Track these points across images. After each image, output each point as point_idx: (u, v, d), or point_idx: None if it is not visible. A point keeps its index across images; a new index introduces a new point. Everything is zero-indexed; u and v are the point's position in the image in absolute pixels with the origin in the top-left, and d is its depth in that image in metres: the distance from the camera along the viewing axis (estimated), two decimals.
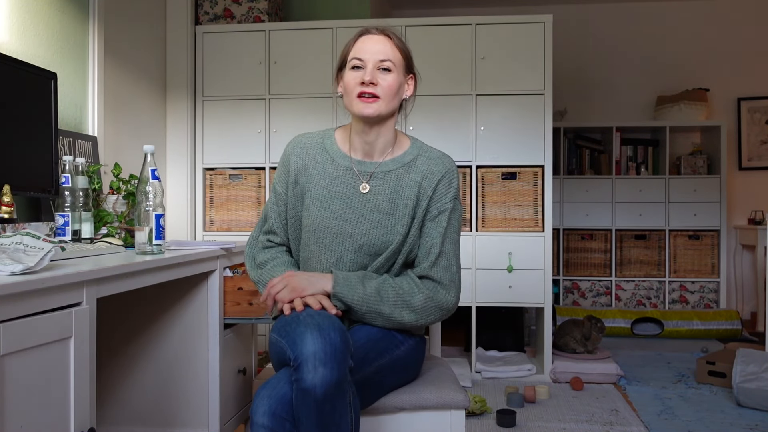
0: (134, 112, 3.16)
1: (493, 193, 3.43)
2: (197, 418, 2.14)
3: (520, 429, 2.71)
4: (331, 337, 1.33)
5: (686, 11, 5.07)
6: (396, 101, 1.59)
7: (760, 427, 2.72)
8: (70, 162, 2.01)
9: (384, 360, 1.55)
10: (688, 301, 4.77)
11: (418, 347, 1.67)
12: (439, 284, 1.56)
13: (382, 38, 1.57)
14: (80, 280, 1.32)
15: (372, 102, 1.54)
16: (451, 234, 1.60)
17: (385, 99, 1.55)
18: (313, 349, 1.31)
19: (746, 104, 5.03)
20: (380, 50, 1.55)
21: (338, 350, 1.33)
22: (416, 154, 1.63)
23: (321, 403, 1.31)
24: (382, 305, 1.52)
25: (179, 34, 3.50)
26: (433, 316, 1.57)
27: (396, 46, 1.58)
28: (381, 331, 1.58)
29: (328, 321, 1.39)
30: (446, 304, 1.57)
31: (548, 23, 3.37)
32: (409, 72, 1.64)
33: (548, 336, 3.40)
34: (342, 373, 1.32)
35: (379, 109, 1.55)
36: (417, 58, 1.72)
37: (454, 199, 1.61)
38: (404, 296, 1.54)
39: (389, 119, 1.61)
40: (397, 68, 1.57)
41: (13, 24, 2.19)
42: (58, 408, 1.27)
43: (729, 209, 4.94)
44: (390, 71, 1.55)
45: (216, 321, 2.12)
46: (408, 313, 1.54)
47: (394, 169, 1.61)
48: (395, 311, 1.53)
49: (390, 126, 1.62)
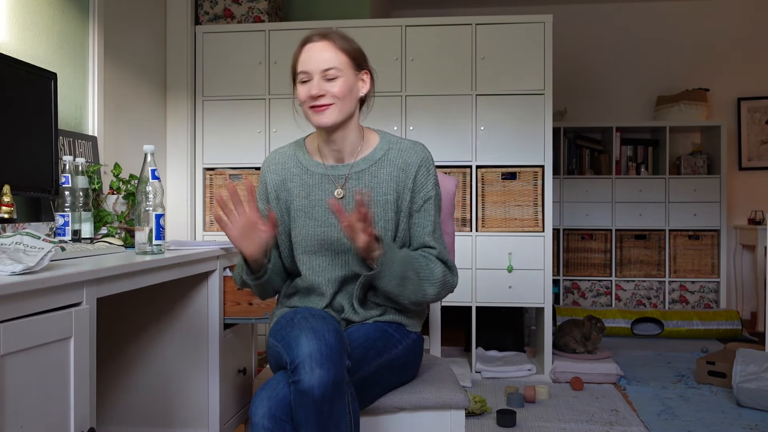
0: (134, 112, 3.16)
1: (493, 193, 3.43)
2: (197, 418, 2.14)
3: (520, 429, 2.71)
4: (327, 338, 1.34)
5: (686, 11, 5.07)
6: (351, 103, 1.56)
7: (760, 427, 2.72)
8: (70, 162, 2.01)
9: (382, 359, 1.55)
10: (688, 301, 4.77)
11: (416, 345, 1.67)
12: (450, 266, 1.60)
13: (324, 44, 1.53)
14: (80, 280, 1.32)
15: (325, 110, 1.53)
16: (437, 219, 1.64)
17: (337, 105, 1.53)
18: (308, 350, 1.31)
19: (746, 104, 5.04)
20: (323, 59, 1.52)
21: (334, 350, 1.33)
22: (387, 149, 1.62)
23: (319, 405, 1.31)
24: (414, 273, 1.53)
25: (179, 34, 3.50)
26: (444, 293, 1.59)
27: (340, 49, 1.53)
28: (379, 330, 1.58)
29: (323, 323, 1.39)
30: (453, 282, 1.61)
31: (548, 23, 3.37)
32: (361, 69, 1.58)
33: (548, 336, 3.40)
34: (339, 373, 1.32)
35: (333, 117, 1.53)
36: (417, 57, 1.72)
37: (435, 185, 1.63)
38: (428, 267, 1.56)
39: (349, 121, 1.59)
40: (345, 71, 1.53)
41: (13, 24, 2.19)
42: (58, 408, 1.27)
43: (729, 209, 4.94)
44: (336, 78, 1.52)
45: (216, 321, 2.12)
46: (430, 286, 1.55)
47: (367, 167, 1.60)
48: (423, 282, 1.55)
49: (353, 127, 1.61)
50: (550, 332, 3.40)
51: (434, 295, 1.57)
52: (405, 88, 3.45)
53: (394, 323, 1.63)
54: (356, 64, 1.56)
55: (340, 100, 1.53)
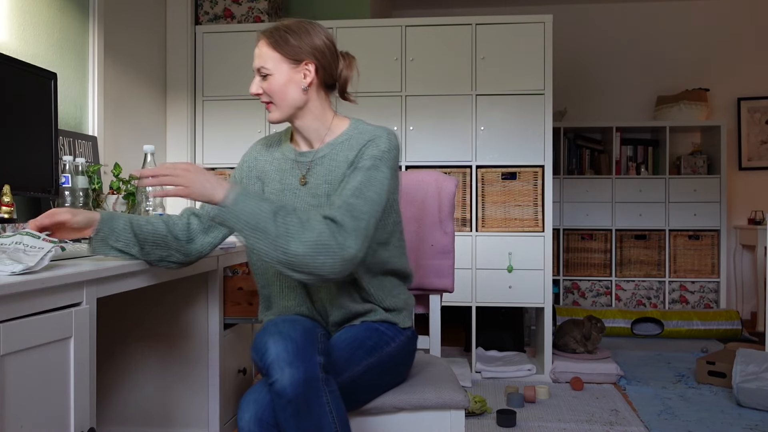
0: (134, 112, 3.16)
1: (493, 193, 3.43)
2: (197, 418, 2.14)
3: (520, 429, 2.71)
4: (293, 337, 1.35)
5: (686, 11, 5.07)
6: (292, 97, 1.56)
7: (760, 427, 2.72)
8: (70, 162, 2.01)
9: (372, 359, 1.53)
10: (688, 301, 4.77)
11: (409, 343, 1.65)
12: (340, 227, 1.39)
13: (260, 44, 1.57)
14: (80, 280, 1.32)
15: (269, 107, 1.59)
16: (367, 191, 1.47)
17: (276, 102, 1.56)
18: (275, 351, 1.33)
19: (746, 104, 5.03)
20: (258, 58, 1.56)
21: (301, 348, 1.34)
22: (351, 134, 1.60)
23: (295, 404, 1.30)
24: (272, 225, 1.35)
25: (179, 34, 3.50)
26: (323, 258, 1.35)
27: (270, 47, 1.55)
28: (368, 329, 1.57)
29: (291, 325, 1.40)
30: (342, 250, 1.37)
31: (548, 23, 3.37)
32: (301, 61, 1.56)
33: (548, 336, 3.40)
34: (310, 370, 1.32)
35: (276, 114, 1.58)
36: (417, 58, 1.71)
37: (375, 158, 1.52)
38: (299, 225, 1.36)
39: (301, 111, 1.59)
40: (277, 68, 1.54)
41: (13, 24, 2.19)
42: (58, 408, 1.26)
43: (729, 209, 4.94)
44: (268, 76, 1.55)
45: (216, 321, 2.12)
46: (297, 243, 1.34)
47: (329, 152, 1.60)
48: (283, 236, 1.35)
49: (312, 115, 1.60)
50: (550, 332, 3.40)
51: (303, 254, 1.35)
52: (405, 88, 3.45)
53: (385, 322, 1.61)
54: (291, 58, 1.55)
55: (275, 97, 1.56)
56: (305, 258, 1.36)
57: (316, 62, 1.57)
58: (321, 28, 1.60)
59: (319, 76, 1.58)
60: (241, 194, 1.38)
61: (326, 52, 1.58)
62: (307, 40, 1.56)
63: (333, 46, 1.60)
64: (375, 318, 1.60)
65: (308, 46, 1.56)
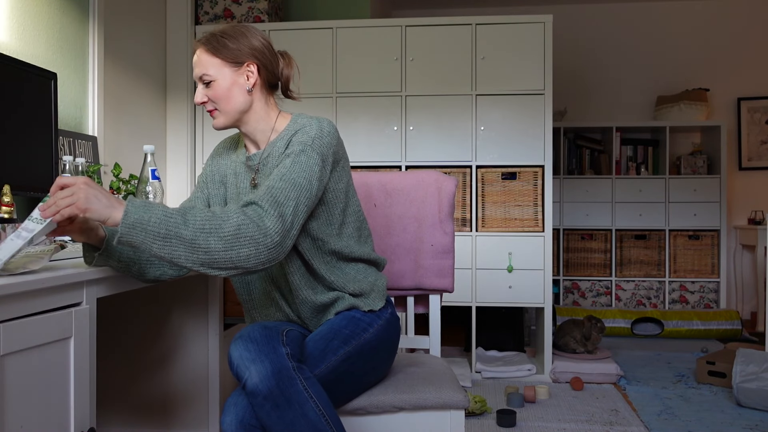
0: (134, 112, 3.16)
1: (493, 193, 3.43)
2: (197, 418, 2.14)
3: (520, 429, 2.71)
4: (252, 336, 1.37)
5: (686, 11, 5.08)
6: (236, 102, 1.55)
7: (760, 427, 2.72)
8: (70, 162, 2.01)
9: (350, 347, 1.51)
10: (688, 301, 4.77)
11: (389, 327, 1.63)
12: (262, 212, 1.34)
13: (198, 52, 1.56)
14: (80, 280, 1.32)
15: (213, 114, 1.57)
16: (291, 175, 1.43)
17: (221, 108, 1.55)
18: (237, 353, 1.36)
19: (746, 104, 5.04)
20: (198, 66, 1.55)
21: (261, 343, 1.35)
22: (289, 131, 1.58)
23: (272, 399, 1.31)
24: (184, 228, 1.27)
25: (179, 34, 3.50)
26: (246, 250, 1.30)
27: (209, 53, 1.54)
28: (344, 319, 1.56)
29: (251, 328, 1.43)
30: (265, 237, 1.31)
31: (548, 23, 3.37)
32: (242, 63, 1.55)
33: (548, 336, 3.40)
34: (276, 362, 1.32)
35: (221, 120, 1.57)
36: (417, 58, 1.71)
37: (303, 143, 1.49)
38: (214, 220, 1.30)
39: (247, 114, 1.58)
40: (218, 73, 1.53)
41: (13, 24, 2.19)
42: (58, 408, 1.26)
43: (729, 209, 4.94)
44: (211, 82, 1.54)
45: (216, 321, 2.12)
46: (216, 240, 1.28)
47: (272, 151, 1.59)
48: (200, 236, 1.27)
49: (256, 117, 1.59)
50: (550, 332, 3.40)
51: (223, 249, 1.29)
52: (405, 88, 3.45)
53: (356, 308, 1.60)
54: (230, 61, 1.54)
55: (220, 102, 1.54)
56: (228, 253, 1.29)
57: (257, 62, 1.56)
58: (256, 30, 1.59)
59: (261, 76, 1.57)
60: (141, 206, 1.27)
61: (265, 52, 1.58)
62: (245, 42, 1.56)
63: (270, 45, 1.60)
64: (344, 306, 1.59)
65: (247, 47, 1.55)
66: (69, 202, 1.24)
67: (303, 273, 1.57)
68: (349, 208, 1.62)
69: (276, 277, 1.61)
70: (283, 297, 1.63)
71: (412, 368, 1.76)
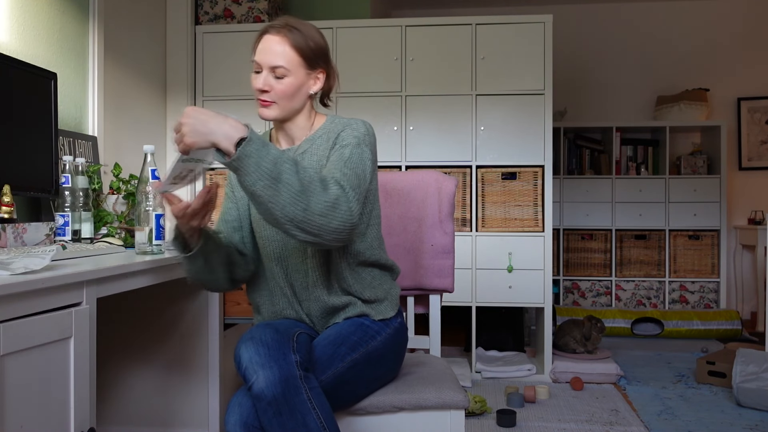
0: (134, 112, 3.16)
1: (493, 193, 3.43)
2: (197, 418, 2.14)
3: (520, 429, 2.71)
4: (264, 339, 1.36)
5: (686, 11, 5.07)
6: (297, 101, 1.56)
7: (760, 427, 2.72)
8: (70, 162, 2.01)
9: (357, 354, 1.51)
10: (688, 301, 4.77)
11: (397, 336, 1.62)
12: (347, 192, 1.35)
13: (278, 39, 1.50)
14: (80, 280, 1.32)
15: (269, 105, 1.54)
16: (356, 168, 1.46)
17: (280, 103, 1.53)
18: (248, 356, 1.35)
19: (746, 104, 5.03)
20: (274, 54, 1.50)
21: (272, 349, 1.34)
22: (327, 129, 1.60)
23: (275, 405, 1.30)
24: (295, 178, 1.27)
25: (179, 34, 3.50)
26: (336, 222, 1.31)
27: (293, 47, 1.50)
28: (353, 325, 1.56)
29: (263, 329, 1.41)
30: (351, 216, 1.33)
31: (548, 23, 3.37)
32: (316, 68, 1.56)
33: (548, 336, 3.40)
34: (285, 369, 1.32)
35: (274, 114, 1.55)
36: (417, 58, 1.71)
37: (356, 138, 1.52)
38: (318, 183, 1.31)
39: (297, 115, 1.59)
40: (294, 70, 1.51)
41: (13, 24, 2.19)
42: (58, 408, 1.26)
43: (729, 209, 4.94)
44: (284, 77, 1.51)
45: (216, 321, 2.12)
46: (316, 202, 1.28)
47: (309, 147, 1.59)
48: (306, 191, 1.28)
49: (302, 117, 1.61)
50: (550, 332, 3.40)
51: (320, 214, 1.28)
52: (405, 88, 3.45)
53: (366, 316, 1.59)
54: (309, 63, 1.54)
55: (284, 99, 1.53)
56: (322, 219, 1.30)
57: (326, 71, 1.58)
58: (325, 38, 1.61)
59: (323, 84, 1.59)
60: (259, 139, 1.27)
61: (331, 63, 1.60)
62: (324, 49, 1.57)
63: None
64: (354, 312, 1.59)
65: (323, 54, 1.57)
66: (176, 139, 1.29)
67: (323, 271, 1.56)
68: (374, 211, 1.63)
69: (293, 273, 1.59)
70: (294, 294, 1.61)
71: (412, 368, 1.76)
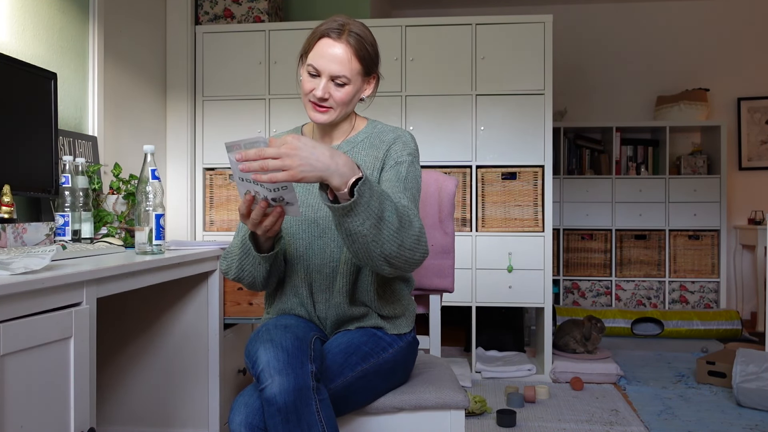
0: (134, 112, 3.16)
1: (493, 193, 3.43)
2: (197, 418, 2.14)
3: (520, 429, 2.71)
4: (284, 345, 1.35)
5: (686, 11, 5.07)
6: (351, 106, 1.57)
7: (760, 427, 2.72)
8: (70, 162, 2.01)
9: (368, 364, 1.51)
10: (688, 301, 4.77)
11: (409, 349, 1.63)
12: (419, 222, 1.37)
13: (342, 47, 1.48)
14: (80, 280, 1.32)
15: (325, 111, 1.53)
16: (409, 184, 1.49)
17: (337, 109, 1.53)
18: (266, 359, 1.33)
19: (746, 104, 5.03)
20: (338, 64, 1.48)
21: (291, 356, 1.33)
22: (369, 133, 1.62)
23: (284, 412, 1.30)
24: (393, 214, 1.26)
25: (179, 34, 3.50)
26: (419, 255, 1.33)
27: (355, 56, 1.50)
28: (366, 334, 1.55)
29: (283, 332, 1.39)
30: (427, 246, 1.36)
31: (548, 23, 3.37)
32: (371, 74, 1.58)
33: (548, 336, 3.40)
34: (300, 379, 1.31)
35: (330, 118, 1.54)
36: (417, 58, 1.72)
37: (410, 156, 1.56)
38: (408, 217, 1.31)
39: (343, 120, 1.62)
40: (354, 79, 1.51)
41: (13, 24, 2.19)
42: (58, 408, 1.26)
43: (729, 209, 4.94)
44: (344, 86, 1.51)
45: (216, 321, 2.12)
46: (408, 236, 1.29)
47: (349, 150, 1.60)
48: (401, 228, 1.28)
49: (349, 117, 1.63)
50: (550, 332, 3.40)
51: (409, 248, 1.29)
52: (405, 88, 3.45)
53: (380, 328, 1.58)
54: (367, 70, 1.55)
55: (341, 105, 1.53)
56: (410, 252, 1.31)
57: (377, 76, 1.61)
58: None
59: (374, 90, 1.62)
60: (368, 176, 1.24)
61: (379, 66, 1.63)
62: (378, 53, 1.60)
63: None
64: (369, 324, 1.58)
65: (378, 60, 1.60)
66: (279, 165, 1.16)
67: (352, 280, 1.55)
68: None
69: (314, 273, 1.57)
70: (311, 294, 1.59)
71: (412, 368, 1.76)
